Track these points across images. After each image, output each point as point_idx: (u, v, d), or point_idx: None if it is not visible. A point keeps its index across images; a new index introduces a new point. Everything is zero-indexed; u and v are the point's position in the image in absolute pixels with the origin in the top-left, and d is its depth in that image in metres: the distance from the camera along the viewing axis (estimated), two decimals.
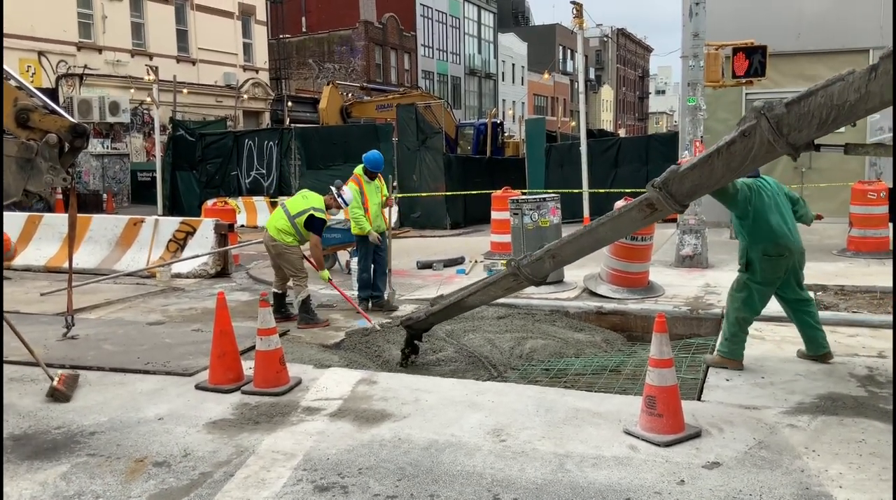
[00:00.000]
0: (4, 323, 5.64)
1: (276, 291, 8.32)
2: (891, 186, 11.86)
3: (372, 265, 8.86)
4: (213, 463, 4.41)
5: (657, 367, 4.54)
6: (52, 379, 5.63)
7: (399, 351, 7.01)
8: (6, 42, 22.50)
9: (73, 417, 5.22)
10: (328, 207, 8.20)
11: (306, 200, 8.07)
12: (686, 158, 10.07)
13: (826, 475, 4.07)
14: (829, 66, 13.15)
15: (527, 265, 5.84)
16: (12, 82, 6.44)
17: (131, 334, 7.63)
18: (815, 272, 9.82)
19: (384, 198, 9.09)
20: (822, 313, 7.64)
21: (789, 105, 4.36)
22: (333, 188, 8.29)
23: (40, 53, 24.56)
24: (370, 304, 8.79)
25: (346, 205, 8.33)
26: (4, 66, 6.77)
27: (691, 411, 4.89)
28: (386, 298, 8.88)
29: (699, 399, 5.44)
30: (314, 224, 7.97)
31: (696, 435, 4.57)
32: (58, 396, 5.56)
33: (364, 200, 8.66)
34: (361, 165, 8.92)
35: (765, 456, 4.31)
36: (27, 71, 23.86)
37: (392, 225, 17.47)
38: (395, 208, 18.03)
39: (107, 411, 5.33)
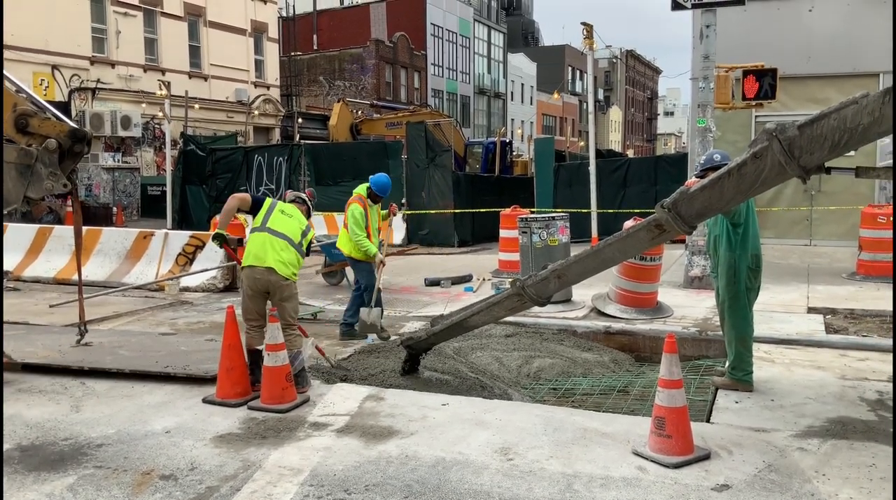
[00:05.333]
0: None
1: (258, 346, 6.02)
2: None
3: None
4: (219, 477, 4.40)
5: (667, 388, 4.52)
6: None
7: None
8: (20, 55, 22.72)
9: (81, 429, 5.22)
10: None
11: (297, 219, 6.37)
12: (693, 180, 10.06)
13: (836, 499, 4.04)
14: (840, 90, 13.17)
15: (531, 285, 5.77)
16: (11, 87, 6.41)
17: (146, 342, 7.67)
18: (824, 296, 9.82)
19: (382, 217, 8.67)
20: (832, 337, 7.66)
21: (802, 127, 4.35)
22: (304, 196, 6.79)
23: (54, 67, 24.76)
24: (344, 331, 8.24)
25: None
26: (4, 72, 6.80)
27: (700, 433, 4.86)
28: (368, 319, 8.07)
29: (708, 421, 5.40)
30: (309, 247, 6.54)
31: (706, 457, 4.54)
32: None
33: (367, 224, 8.27)
34: (365, 186, 8.48)
35: (774, 479, 4.28)
36: (40, 84, 24.06)
37: (399, 242, 17.66)
38: (402, 225, 18.16)
39: (114, 423, 5.33)
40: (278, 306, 6.13)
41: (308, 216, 6.62)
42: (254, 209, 6.30)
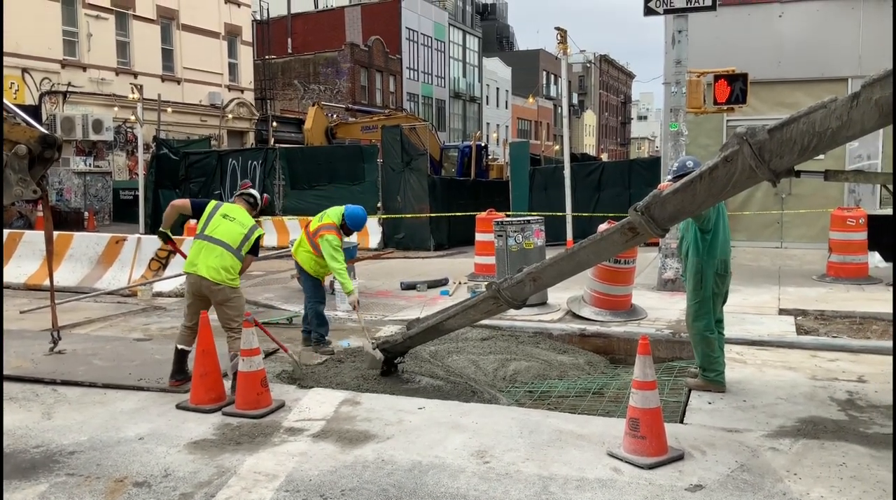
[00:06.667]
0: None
1: (183, 347, 6.33)
2: (870, 212, 12.01)
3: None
4: (194, 484, 4.37)
5: (641, 389, 4.56)
6: None
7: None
8: None
9: (53, 436, 5.15)
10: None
11: (240, 223, 6.26)
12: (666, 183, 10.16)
13: (808, 498, 4.09)
14: (809, 94, 13.37)
15: (507, 288, 5.80)
16: None
17: (120, 350, 7.58)
18: (795, 297, 9.94)
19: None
20: (802, 338, 7.78)
21: (771, 131, 4.42)
22: (255, 193, 6.66)
23: (24, 70, 24.43)
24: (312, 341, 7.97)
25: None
26: None
27: (674, 434, 4.91)
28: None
29: (682, 422, 5.45)
30: (257, 246, 6.34)
31: (679, 458, 4.58)
32: None
33: None
34: (339, 212, 7.98)
35: (747, 479, 4.33)
36: (10, 88, 23.73)
37: (375, 246, 17.63)
38: (378, 229, 18.14)
39: (87, 430, 5.27)
40: (217, 310, 6.22)
41: (255, 216, 6.52)
42: (197, 214, 6.40)
